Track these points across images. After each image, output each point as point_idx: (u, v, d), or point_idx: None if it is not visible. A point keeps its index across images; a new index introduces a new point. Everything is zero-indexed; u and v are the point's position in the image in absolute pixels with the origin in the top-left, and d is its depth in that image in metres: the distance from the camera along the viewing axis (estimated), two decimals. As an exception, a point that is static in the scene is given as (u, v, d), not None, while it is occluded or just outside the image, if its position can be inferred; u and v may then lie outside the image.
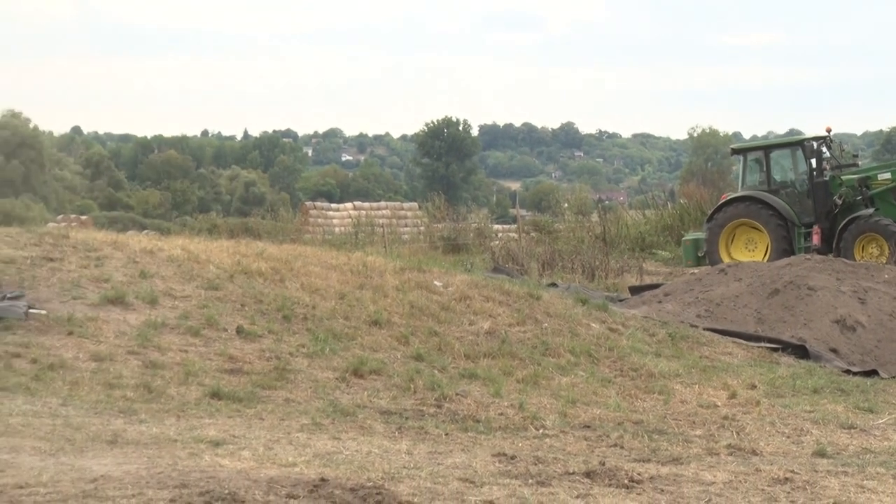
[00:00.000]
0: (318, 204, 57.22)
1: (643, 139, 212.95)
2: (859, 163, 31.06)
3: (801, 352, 17.96)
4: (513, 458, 10.33)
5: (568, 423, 12.64)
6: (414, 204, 57.54)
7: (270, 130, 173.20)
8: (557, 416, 12.97)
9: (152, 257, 16.73)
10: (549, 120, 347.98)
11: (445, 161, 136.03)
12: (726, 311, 20.20)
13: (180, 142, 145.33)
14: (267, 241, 23.75)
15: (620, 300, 23.22)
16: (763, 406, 14.23)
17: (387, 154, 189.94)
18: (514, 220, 52.82)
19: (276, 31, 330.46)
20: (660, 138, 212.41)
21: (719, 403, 14.35)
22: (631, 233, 40.90)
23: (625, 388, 14.82)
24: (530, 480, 9.32)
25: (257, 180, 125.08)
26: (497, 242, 40.00)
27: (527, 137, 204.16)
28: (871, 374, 17.22)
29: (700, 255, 29.88)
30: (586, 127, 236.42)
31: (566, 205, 50.57)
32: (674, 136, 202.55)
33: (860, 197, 28.31)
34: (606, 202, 61.31)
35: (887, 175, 28.50)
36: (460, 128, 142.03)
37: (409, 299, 16.92)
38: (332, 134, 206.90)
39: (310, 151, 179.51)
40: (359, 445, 10.39)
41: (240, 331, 14.48)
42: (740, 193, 29.95)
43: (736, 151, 32.23)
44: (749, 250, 29.02)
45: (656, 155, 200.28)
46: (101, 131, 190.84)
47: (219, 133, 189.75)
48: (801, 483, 9.88)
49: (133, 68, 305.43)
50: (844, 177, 28.83)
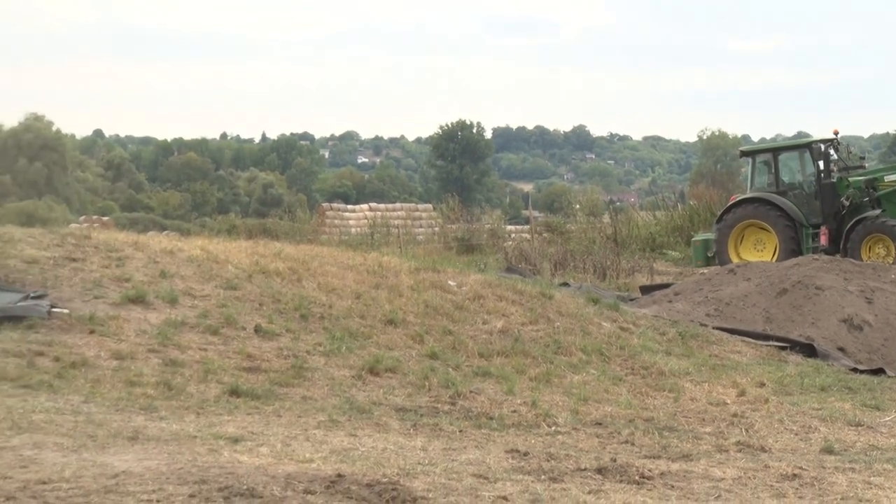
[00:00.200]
0: (335, 205, 57.25)
1: (654, 141, 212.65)
2: (866, 165, 30.97)
3: (808, 350, 17.93)
4: (526, 454, 10.32)
5: (580, 421, 12.63)
6: (428, 205, 57.60)
7: (288, 133, 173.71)
8: (569, 413, 12.96)
9: (172, 257, 16.74)
10: (561, 123, 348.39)
11: (459, 163, 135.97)
12: (735, 311, 20.18)
13: (200, 144, 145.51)
14: (284, 241, 23.76)
15: (631, 299, 23.20)
16: (772, 404, 14.20)
17: (402, 156, 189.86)
18: (526, 221, 52.84)
19: (294, 36, 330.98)
20: (670, 141, 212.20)
21: (729, 401, 14.33)
22: (642, 233, 40.88)
23: (636, 386, 14.81)
24: (543, 476, 9.31)
25: (275, 182, 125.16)
26: (510, 243, 40.03)
27: (539, 140, 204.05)
28: (878, 372, 17.18)
29: (709, 255, 29.84)
30: (598, 129, 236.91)
31: (578, 206, 50.58)
32: (683, 139, 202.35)
33: (867, 198, 28.27)
34: (617, 203, 61.29)
35: (894, 177, 28.45)
36: (474, 130, 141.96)
37: (423, 299, 16.92)
38: (349, 136, 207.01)
39: (326, 154, 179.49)
40: (375, 442, 10.38)
41: (258, 329, 14.49)
42: (749, 195, 29.92)
43: (745, 154, 32.22)
44: (758, 251, 28.99)
45: (666, 157, 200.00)
46: (123, 134, 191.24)
47: (237, 136, 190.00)
48: (809, 479, 9.85)
49: (154, 73, 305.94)
50: (851, 178, 28.80)
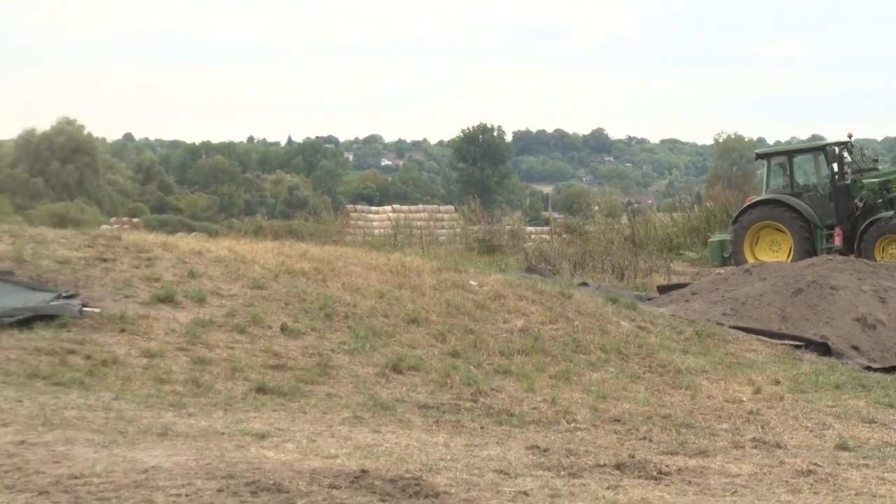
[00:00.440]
0: (359, 207, 57.33)
1: (671, 144, 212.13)
2: (879, 167, 30.91)
3: (823, 349, 17.87)
4: (546, 450, 10.31)
5: (598, 418, 12.61)
6: (450, 207, 57.63)
7: (313, 136, 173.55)
8: (588, 410, 12.95)
9: (200, 258, 16.77)
10: (580, 126, 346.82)
11: (480, 166, 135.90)
12: (751, 310, 20.13)
13: (227, 148, 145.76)
14: (310, 242, 23.78)
15: (649, 299, 23.17)
16: (787, 401, 14.17)
17: (424, 159, 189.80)
18: (546, 222, 52.74)
19: (319, 42, 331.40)
20: (687, 144, 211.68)
21: (744, 398, 14.29)
22: (659, 234, 40.82)
23: (653, 384, 14.78)
24: (562, 472, 9.30)
25: (300, 184, 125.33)
26: (530, 244, 40.04)
27: (559, 143, 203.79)
28: (892, 370, 17.10)
29: (726, 255, 29.79)
30: (616, 133, 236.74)
31: (596, 207, 50.63)
32: (700, 142, 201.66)
33: (880, 200, 28.22)
34: (635, 205, 61.18)
35: (907, 179, 28.40)
36: (495, 134, 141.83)
37: (445, 298, 16.91)
38: (372, 140, 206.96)
39: (351, 156, 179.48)
40: (398, 438, 10.38)
41: (284, 328, 14.50)
42: (764, 197, 29.86)
43: (760, 156, 32.16)
44: (773, 251, 28.92)
45: (683, 160, 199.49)
46: (152, 138, 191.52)
47: (264, 139, 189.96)
48: (823, 475, 9.82)
49: (182, 78, 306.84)
50: (865, 180, 28.74)
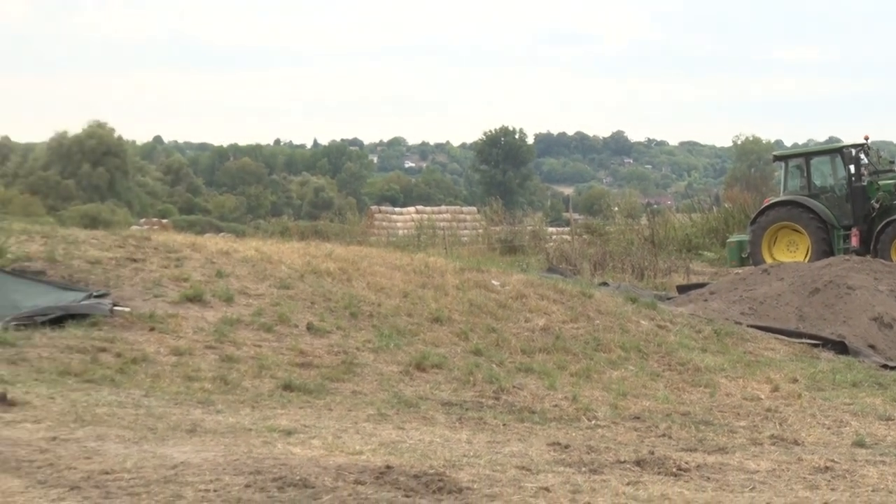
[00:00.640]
0: (383, 208, 57.37)
1: (690, 147, 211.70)
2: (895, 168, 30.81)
3: (840, 348, 17.80)
4: (567, 447, 10.29)
5: (619, 415, 12.59)
6: (473, 208, 57.57)
7: (338, 139, 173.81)
8: (609, 407, 12.93)
9: (228, 258, 16.80)
10: (600, 129, 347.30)
11: (502, 168, 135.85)
12: (769, 309, 20.07)
13: (254, 150, 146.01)
14: (335, 242, 23.78)
15: (668, 298, 23.11)
16: (804, 399, 14.12)
17: (447, 161, 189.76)
18: (567, 223, 52.72)
19: (345, 47, 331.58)
20: (705, 146, 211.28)
21: (762, 396, 14.26)
22: (678, 235, 40.71)
23: (672, 382, 14.75)
24: (583, 468, 9.29)
25: (326, 186, 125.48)
26: (551, 244, 39.97)
27: (579, 145, 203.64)
28: (908, 368, 17.05)
29: (744, 255, 29.72)
30: (635, 135, 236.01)
31: (616, 208, 50.44)
32: (719, 144, 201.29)
33: (896, 201, 28.12)
34: (655, 206, 60.96)
35: (922, 180, 28.31)
36: (516, 136, 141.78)
37: (468, 297, 16.91)
38: (396, 142, 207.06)
39: (375, 159, 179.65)
40: (422, 435, 10.38)
41: (310, 327, 14.51)
42: (782, 198, 29.79)
43: (778, 158, 32.08)
44: (790, 251, 28.84)
45: (702, 161, 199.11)
46: (181, 140, 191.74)
47: (290, 142, 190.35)
48: (841, 472, 9.79)
49: (210, 82, 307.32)
50: (881, 182, 28.63)
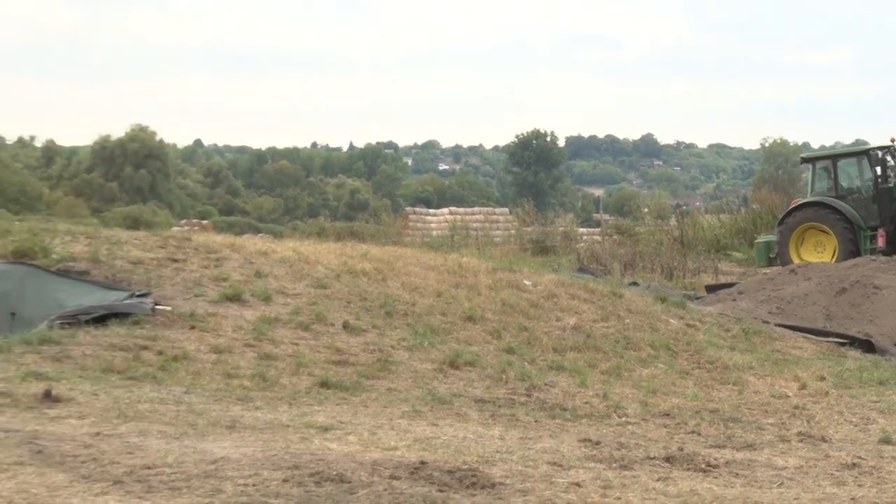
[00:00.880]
0: (417, 209, 57.39)
1: (718, 149, 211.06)
2: (921, 170, 30.61)
3: (867, 346, 17.71)
4: (597, 443, 10.27)
5: (649, 412, 12.55)
6: (505, 209, 57.51)
7: (374, 142, 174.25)
8: (639, 405, 12.89)
9: (266, 258, 16.84)
10: (630, 131, 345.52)
11: (534, 170, 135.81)
12: (796, 309, 20.00)
13: (292, 153, 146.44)
14: (370, 243, 23.81)
15: (697, 298, 23.05)
16: (832, 396, 14.05)
17: (480, 163, 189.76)
18: (597, 223, 52.60)
19: (380, 52, 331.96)
20: (734, 148, 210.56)
21: (790, 394, 14.19)
22: (707, 235, 40.57)
23: (701, 380, 14.70)
24: (614, 464, 9.27)
25: (361, 188, 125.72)
26: (582, 244, 39.95)
27: (609, 148, 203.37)
28: (934, 367, 16.94)
29: (772, 256, 29.56)
30: (665, 138, 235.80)
31: (646, 210, 50.28)
32: (747, 146, 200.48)
33: (922, 202, 27.94)
34: (684, 207, 60.77)
35: (948, 182, 28.13)
36: (548, 139, 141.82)
37: (500, 297, 16.90)
38: (430, 145, 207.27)
39: (409, 161, 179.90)
40: (455, 431, 10.38)
41: (346, 326, 14.53)
42: (809, 199, 29.61)
43: (805, 160, 31.88)
44: (818, 252, 28.67)
45: (730, 164, 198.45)
46: (221, 144, 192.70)
47: (327, 145, 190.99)
48: (867, 468, 9.74)
49: (249, 87, 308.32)
50: (907, 183, 28.46)
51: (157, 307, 13.90)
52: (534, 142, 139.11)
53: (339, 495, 7.43)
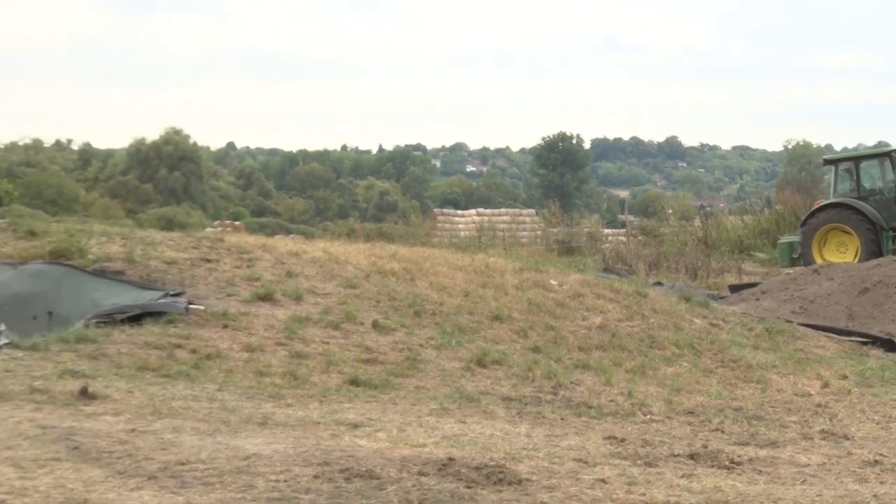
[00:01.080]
0: (445, 211, 57.41)
1: (742, 151, 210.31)
2: (943, 171, 30.45)
3: (889, 345, 17.63)
4: (622, 440, 10.25)
5: (673, 410, 12.52)
6: (532, 210, 57.49)
7: (402, 145, 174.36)
8: (663, 402, 12.85)
9: (297, 259, 16.87)
10: (654, 134, 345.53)
11: (560, 171, 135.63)
12: (819, 308, 19.91)
13: (322, 155, 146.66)
14: (399, 244, 23.82)
15: (721, 298, 22.98)
16: (854, 395, 13.98)
17: (507, 165, 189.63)
18: (622, 224, 52.48)
19: (408, 57, 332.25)
20: (757, 150, 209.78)
21: (813, 392, 14.12)
22: (730, 236, 40.44)
23: (725, 378, 14.65)
24: (639, 461, 9.25)
25: (391, 190, 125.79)
26: (607, 245, 39.88)
27: (634, 150, 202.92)
28: (955, 366, 16.84)
29: (794, 256, 29.46)
30: (689, 140, 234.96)
31: (670, 211, 50.17)
32: (770, 148, 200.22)
33: (943, 203, 27.84)
34: (708, 208, 60.54)
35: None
36: (574, 141, 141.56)
37: (527, 297, 16.88)
38: (458, 147, 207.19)
39: (438, 163, 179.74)
40: (482, 428, 10.37)
41: (375, 325, 14.54)
42: (832, 200, 29.51)
43: (828, 162, 31.76)
44: (840, 252, 28.57)
45: (754, 165, 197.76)
46: (253, 146, 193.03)
47: (356, 147, 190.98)
48: (889, 465, 9.69)
49: (281, 91, 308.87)
50: (929, 185, 28.35)
51: (191, 306, 13.95)
52: (560, 144, 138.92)
53: (368, 491, 7.43)
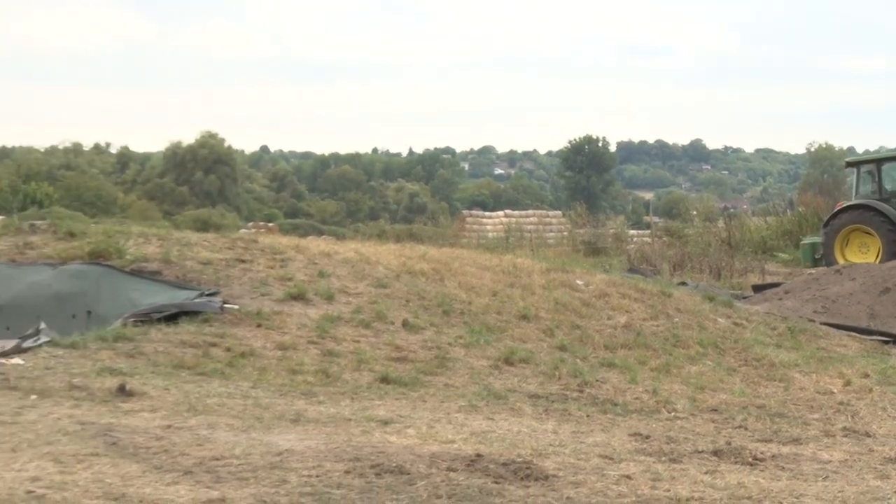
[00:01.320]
0: (474, 212, 57.47)
1: (765, 154, 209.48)
2: (964, 173, 30.27)
3: (910, 344, 17.57)
4: (647, 437, 10.22)
5: (697, 407, 12.48)
6: (558, 212, 57.49)
7: (432, 148, 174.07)
8: (687, 400, 12.81)
9: (329, 259, 16.90)
10: (679, 136, 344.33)
11: (586, 174, 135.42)
12: (841, 308, 19.83)
13: (354, 158, 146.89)
14: (429, 244, 23.82)
15: (744, 297, 22.90)
16: (875, 393, 13.90)
17: (534, 168, 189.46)
18: (647, 226, 52.39)
19: (438, 60, 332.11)
20: (780, 153, 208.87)
21: (835, 390, 14.05)
22: (754, 237, 40.30)
23: (748, 377, 14.59)
24: (663, 458, 9.22)
25: (420, 192, 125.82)
26: (632, 246, 39.80)
27: (659, 152, 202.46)
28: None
29: (817, 257, 29.33)
30: (713, 143, 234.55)
31: (695, 212, 50.07)
32: (793, 151, 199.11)
33: (964, 204, 27.67)
34: (731, 210, 60.37)
35: None
36: (600, 144, 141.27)
37: (554, 296, 16.86)
38: (486, 150, 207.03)
39: (466, 166, 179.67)
40: (510, 425, 10.36)
41: (405, 324, 14.55)
42: (854, 202, 29.36)
43: (850, 164, 31.61)
44: (862, 253, 28.42)
45: (777, 168, 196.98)
46: (286, 149, 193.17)
47: (387, 150, 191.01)
48: (911, 463, 9.64)
49: (312, 95, 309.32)
50: (950, 186, 28.19)
51: (226, 306, 13.99)
52: (586, 147, 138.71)
53: (398, 486, 7.43)
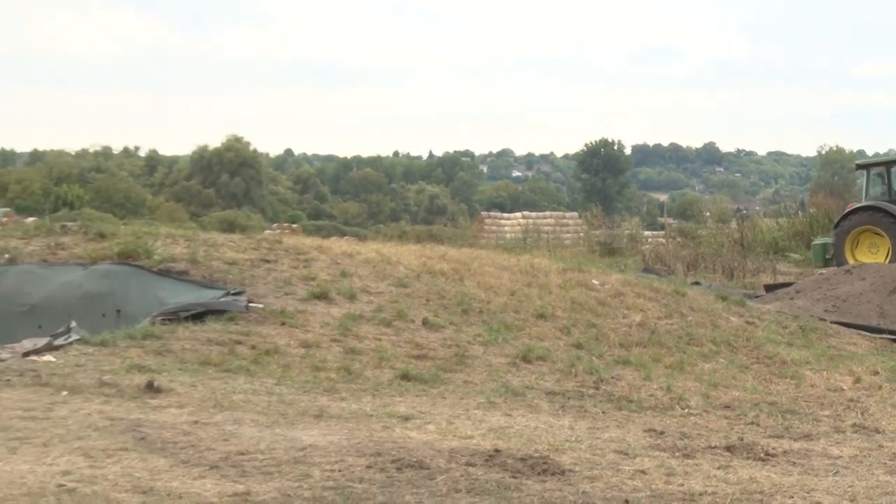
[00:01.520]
0: (492, 214, 57.48)
1: (777, 156, 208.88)
2: (972, 175, 30.09)
3: (919, 343, 17.51)
4: (661, 433, 10.21)
5: (710, 404, 12.46)
6: (575, 213, 57.43)
7: (451, 151, 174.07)
8: (701, 397, 12.80)
9: (351, 259, 16.92)
10: (693, 140, 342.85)
11: (602, 176, 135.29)
12: (851, 307, 19.77)
13: (375, 161, 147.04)
14: (448, 245, 23.83)
15: (756, 297, 22.85)
16: (885, 390, 13.87)
17: (551, 170, 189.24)
18: (662, 227, 52.30)
19: (457, 64, 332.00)
20: (792, 155, 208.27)
21: (845, 387, 14.02)
22: (766, 238, 40.19)
23: (760, 374, 14.57)
24: (677, 453, 9.21)
25: (440, 194, 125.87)
26: (647, 246, 39.77)
27: (673, 155, 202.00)
28: (984, 363, 16.67)
29: (828, 257, 29.20)
30: (726, 146, 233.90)
31: (708, 214, 49.99)
32: (804, 154, 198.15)
33: (973, 206, 27.51)
34: (744, 211, 60.22)
35: None
36: (615, 147, 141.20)
37: (570, 296, 16.86)
38: (504, 153, 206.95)
39: (485, 168, 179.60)
40: (527, 421, 10.36)
41: (425, 322, 14.56)
42: (864, 203, 29.22)
43: (860, 167, 31.47)
44: (872, 253, 28.29)
45: (788, 170, 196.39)
46: (309, 153, 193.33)
47: (408, 153, 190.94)
48: (919, 459, 9.61)
49: (336, 99, 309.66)
50: (959, 188, 28.03)
51: (251, 305, 14.02)
52: (602, 150, 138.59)
53: (418, 480, 7.45)
